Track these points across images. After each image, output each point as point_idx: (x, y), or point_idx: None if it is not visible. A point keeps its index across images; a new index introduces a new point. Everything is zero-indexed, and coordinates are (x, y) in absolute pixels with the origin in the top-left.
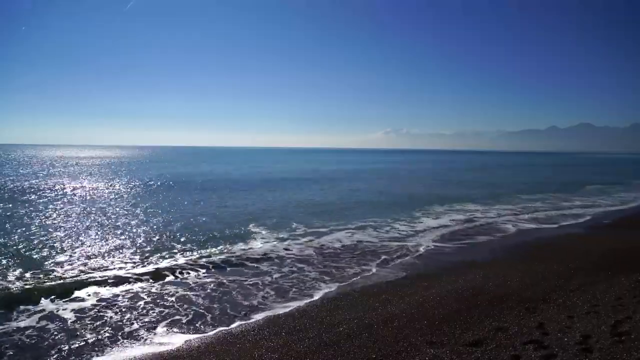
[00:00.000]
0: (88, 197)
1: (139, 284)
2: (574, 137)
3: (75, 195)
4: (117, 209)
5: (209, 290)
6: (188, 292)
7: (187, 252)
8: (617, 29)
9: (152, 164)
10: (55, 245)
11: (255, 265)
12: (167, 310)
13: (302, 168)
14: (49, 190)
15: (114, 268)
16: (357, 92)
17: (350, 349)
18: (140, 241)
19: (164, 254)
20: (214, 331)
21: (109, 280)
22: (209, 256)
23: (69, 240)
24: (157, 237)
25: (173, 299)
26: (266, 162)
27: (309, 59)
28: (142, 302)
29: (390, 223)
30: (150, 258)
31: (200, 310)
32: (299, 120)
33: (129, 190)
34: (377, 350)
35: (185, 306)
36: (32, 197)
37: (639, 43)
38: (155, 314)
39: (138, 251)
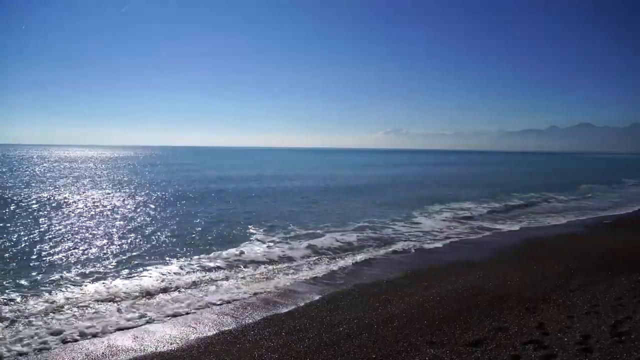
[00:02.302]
0: (97, 203)
1: (138, 286)
2: (574, 137)
3: (83, 201)
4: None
5: (207, 291)
6: (186, 293)
7: (187, 255)
8: (618, 29)
9: (158, 167)
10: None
11: (255, 266)
12: (166, 311)
13: (303, 168)
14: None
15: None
16: (357, 92)
17: (350, 349)
18: (134, 245)
19: (161, 256)
20: (214, 331)
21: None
22: (207, 258)
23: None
24: (155, 241)
25: (170, 300)
26: (268, 162)
27: (309, 59)
28: (139, 302)
29: (388, 223)
30: (148, 261)
31: (200, 311)
32: (298, 120)
33: (134, 195)
34: (377, 350)
35: (184, 306)
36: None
37: (639, 43)
38: (154, 314)
39: (135, 255)
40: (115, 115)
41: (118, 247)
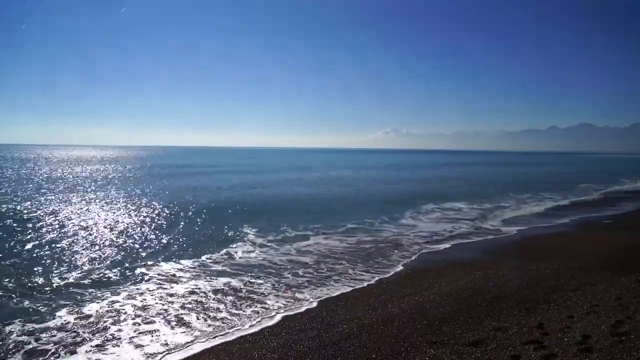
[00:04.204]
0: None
1: (130, 290)
2: (574, 137)
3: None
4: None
5: (205, 292)
6: (184, 295)
7: (185, 256)
8: (618, 29)
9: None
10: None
11: (255, 267)
12: (165, 312)
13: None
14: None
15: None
16: (357, 92)
17: (350, 349)
18: (128, 246)
19: (153, 258)
20: (214, 332)
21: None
22: (205, 259)
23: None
24: (149, 241)
25: (168, 302)
26: (270, 163)
27: (309, 60)
28: (137, 306)
29: (386, 223)
30: (138, 263)
31: (200, 311)
32: (298, 121)
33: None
34: (377, 350)
35: (183, 307)
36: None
37: (639, 43)
38: (152, 316)
39: (126, 256)
40: (112, 115)
41: (133, 251)
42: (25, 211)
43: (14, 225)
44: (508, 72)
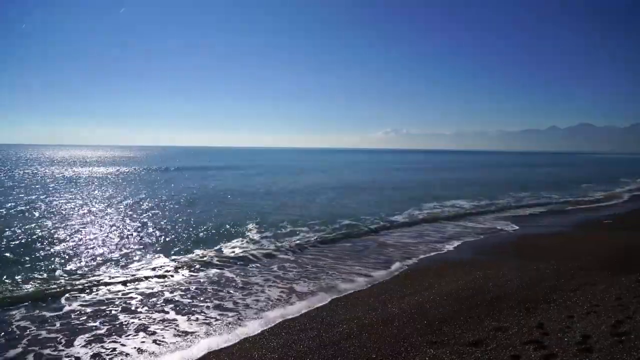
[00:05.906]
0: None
1: (128, 287)
2: (574, 137)
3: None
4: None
5: (203, 292)
6: (183, 294)
7: (185, 252)
8: (618, 29)
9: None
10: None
11: (257, 265)
12: (165, 312)
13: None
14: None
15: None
16: (357, 93)
17: (350, 349)
18: (131, 243)
19: (155, 254)
20: (213, 331)
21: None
22: (202, 255)
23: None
24: (153, 237)
25: (169, 301)
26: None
27: (309, 60)
28: (134, 306)
29: (386, 222)
30: (137, 260)
31: (199, 311)
32: (298, 121)
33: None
34: (377, 350)
35: (183, 306)
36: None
37: (639, 43)
38: (150, 317)
39: (127, 253)
40: (112, 115)
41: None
42: (30, 207)
43: (19, 219)
44: (508, 72)
